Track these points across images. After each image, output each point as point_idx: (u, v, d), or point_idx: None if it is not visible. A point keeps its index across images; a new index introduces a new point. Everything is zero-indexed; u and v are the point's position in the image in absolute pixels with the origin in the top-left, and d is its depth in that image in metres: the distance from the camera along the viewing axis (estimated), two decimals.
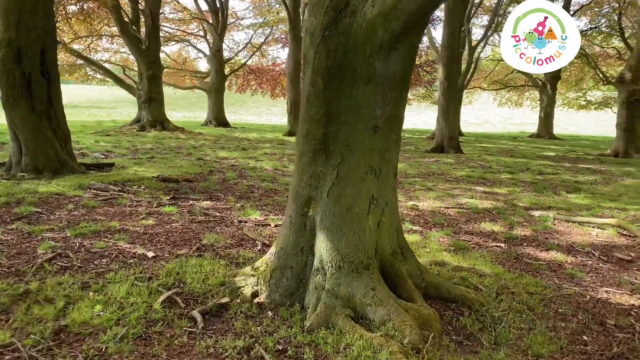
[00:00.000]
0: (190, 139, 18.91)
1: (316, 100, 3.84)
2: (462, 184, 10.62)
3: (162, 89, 21.88)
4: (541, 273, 4.81)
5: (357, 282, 3.65)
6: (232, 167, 11.62)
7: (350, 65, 3.71)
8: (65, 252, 4.85)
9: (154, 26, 20.70)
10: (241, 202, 7.62)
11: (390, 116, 3.85)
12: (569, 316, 3.80)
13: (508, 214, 7.50)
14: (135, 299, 3.76)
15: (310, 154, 3.89)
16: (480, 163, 14.84)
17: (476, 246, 5.69)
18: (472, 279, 4.44)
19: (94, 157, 12.19)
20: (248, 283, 4.11)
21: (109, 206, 6.99)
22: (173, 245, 5.30)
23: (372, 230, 3.89)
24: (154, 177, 9.18)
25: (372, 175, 3.87)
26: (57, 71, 9.67)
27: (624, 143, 19.55)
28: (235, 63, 33.19)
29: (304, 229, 3.94)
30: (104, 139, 16.87)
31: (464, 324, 3.59)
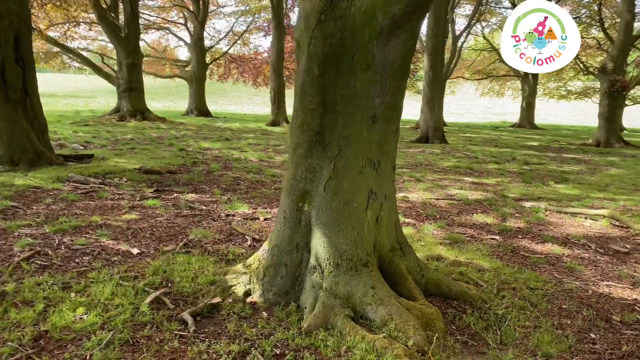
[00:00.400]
0: (171, 129, 18.52)
1: (311, 88, 3.63)
2: (450, 174, 10.52)
3: (142, 78, 21.36)
4: (540, 267, 4.70)
5: (356, 280, 3.48)
6: (216, 158, 11.35)
7: (348, 52, 3.51)
8: (44, 249, 4.58)
9: (133, 13, 20.14)
10: (227, 195, 7.39)
11: (389, 106, 3.67)
12: (574, 313, 3.69)
13: (499, 205, 7.40)
14: (121, 300, 3.54)
15: (306, 145, 3.69)
16: (466, 153, 14.78)
17: (471, 239, 5.56)
18: (471, 274, 4.31)
19: (73, 148, 11.80)
20: (240, 281, 3.91)
21: (90, 200, 6.71)
22: (158, 240, 5.06)
23: (371, 225, 3.72)
24: (135, 169, 8.88)
25: (371, 168, 3.69)
26: (32, 59, 9.27)
27: (606, 133, 19.70)
28: (217, 52, 32.63)
29: (299, 225, 3.75)
30: (82, 129, 16.39)
31: (468, 323, 3.45)
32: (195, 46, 28.16)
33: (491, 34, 35.93)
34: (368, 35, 3.51)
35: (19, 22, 8.75)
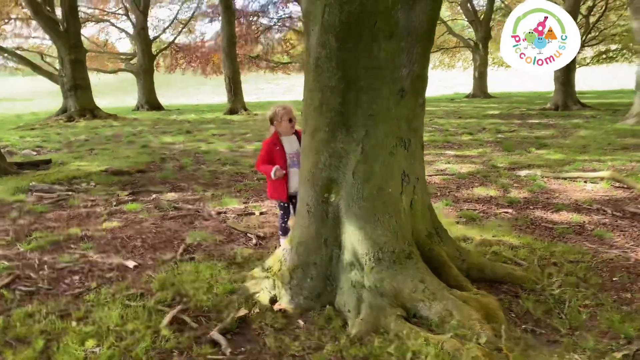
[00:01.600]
0: (126, 125, 17.54)
1: (329, 63, 3.20)
2: (430, 149, 10.27)
3: (87, 75, 20.12)
4: (569, 238, 4.47)
5: (402, 274, 3.11)
6: (183, 152, 10.70)
7: (369, 18, 3.09)
8: (25, 272, 3.99)
9: (71, 6, 18.84)
10: (210, 191, 6.86)
11: (417, 77, 3.29)
12: (628, 285, 3.45)
13: (494, 177, 7.20)
14: (134, 324, 3.04)
15: (327, 128, 3.27)
16: (434, 127, 14.62)
17: (484, 214, 5.30)
18: (506, 252, 4.03)
19: (24, 154, 10.86)
20: (263, 287, 3.48)
21: (60, 209, 6.05)
22: (153, 249, 4.54)
23: (407, 212, 3.35)
24: (102, 171, 8.19)
25: (402, 148, 3.31)
26: None
27: (563, 96, 20.02)
28: (162, 42, 31.26)
29: (326, 218, 3.34)
30: (29, 134, 15.25)
31: (526, 308, 3.15)
32: (139, 37, 26.83)
33: None
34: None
35: None
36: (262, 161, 4.05)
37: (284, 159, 4.00)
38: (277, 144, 4.02)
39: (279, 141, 4.04)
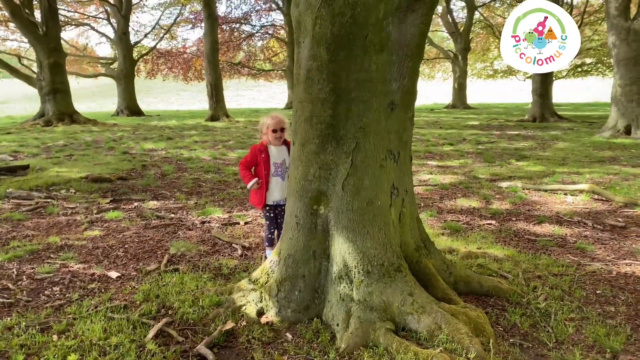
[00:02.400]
0: (105, 131, 17.30)
1: (320, 75, 3.19)
2: (413, 159, 10.34)
3: (66, 79, 19.83)
4: (551, 250, 4.52)
5: (391, 288, 3.11)
6: (165, 159, 10.59)
7: (361, 31, 3.10)
8: (3, 282, 3.88)
9: (50, 8, 18.57)
10: (193, 199, 6.79)
11: (407, 90, 3.31)
12: (611, 298, 3.50)
13: (476, 188, 7.27)
14: (118, 338, 2.97)
15: (317, 140, 3.26)
16: (416, 137, 14.74)
17: (468, 226, 5.33)
18: (490, 265, 4.05)
19: (1, 159, 10.63)
20: (250, 300, 3.43)
21: (39, 217, 5.91)
22: (136, 259, 4.45)
23: (396, 224, 3.35)
24: (82, 178, 8.05)
25: (392, 161, 3.32)
26: None
27: (540, 108, 20.41)
28: (143, 47, 30.99)
29: (315, 230, 3.32)
30: (5, 138, 14.94)
31: (513, 322, 3.17)
32: (121, 41, 26.56)
33: None
34: (383, 11, 3.12)
35: None
36: (245, 164, 4.08)
37: (267, 167, 4.00)
38: (263, 152, 4.02)
39: (265, 149, 4.03)
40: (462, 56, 32.76)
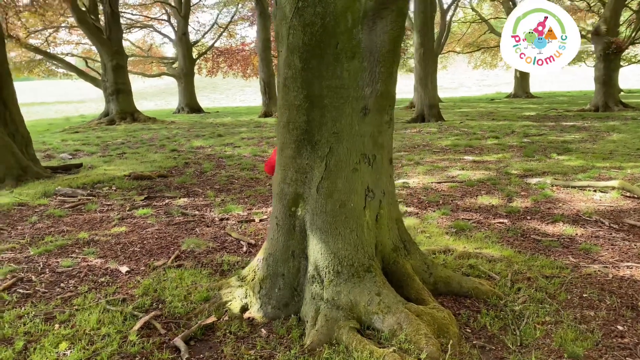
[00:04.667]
0: (162, 129, 18.16)
1: (294, 83, 3.33)
2: (449, 154, 10.23)
3: (128, 79, 20.94)
4: (553, 251, 4.43)
5: (359, 287, 3.22)
6: (208, 157, 11.04)
7: (331, 40, 3.20)
8: (28, 275, 4.32)
9: (113, 13, 19.66)
10: (221, 196, 7.11)
11: (380, 95, 3.38)
12: (596, 302, 3.42)
13: (503, 184, 7.12)
14: (108, 329, 3.27)
15: (294, 145, 3.41)
16: (463, 130, 14.47)
17: (478, 225, 5.29)
18: (482, 265, 4.04)
19: (61, 158, 11.49)
20: (235, 296, 3.65)
21: (78, 214, 6.43)
22: (149, 255, 4.79)
23: (371, 226, 3.44)
24: (125, 176, 8.59)
25: (366, 164, 3.40)
26: (8, 70, 8.94)
27: (604, 97, 19.34)
28: (203, 46, 32.06)
29: (294, 231, 3.48)
30: (71, 137, 16.05)
31: (483, 324, 3.19)
32: (181, 42, 27.64)
33: (479, 4, 35.33)
34: (351, 20, 3.21)
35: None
36: (269, 166, 4.33)
37: None
38: None
39: None
40: None
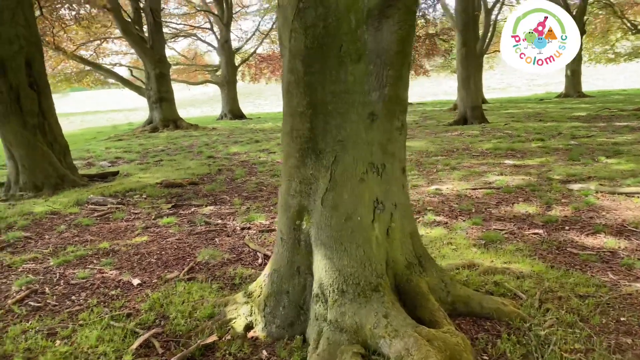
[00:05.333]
0: (203, 135, 18.37)
1: (297, 89, 3.15)
2: (489, 158, 9.78)
3: (171, 87, 21.35)
4: (591, 266, 4.04)
5: (365, 308, 2.98)
6: (242, 163, 11.01)
7: (334, 42, 3.00)
8: (42, 287, 4.30)
9: (155, 23, 20.10)
10: (247, 204, 6.99)
11: (389, 99, 3.13)
12: (635, 327, 3.05)
13: (543, 191, 6.68)
14: (106, 347, 3.16)
15: (297, 154, 3.21)
16: (507, 132, 13.88)
17: (510, 236, 4.93)
18: (509, 282, 3.71)
19: (100, 166, 11.74)
20: (240, 313, 3.48)
21: (105, 222, 6.45)
22: (164, 266, 4.70)
23: (380, 240, 3.20)
24: (157, 184, 8.63)
25: (374, 174, 3.17)
26: (46, 82, 9.15)
27: None
28: (246, 53, 32.40)
29: (299, 246, 3.28)
30: (115, 145, 16.46)
31: (502, 350, 2.89)
32: (223, 49, 28.01)
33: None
34: (355, 20, 2.99)
35: (29, 45, 8.62)
36: None
37: None
38: None
39: None
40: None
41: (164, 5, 25.87)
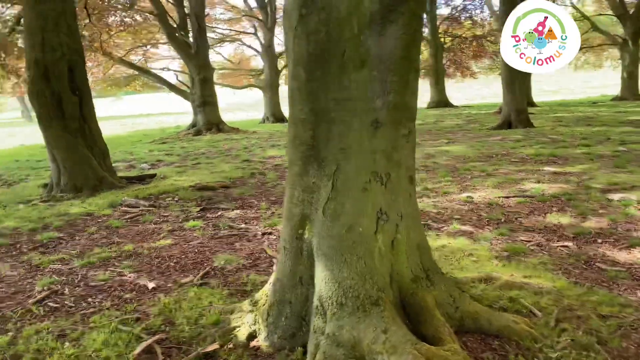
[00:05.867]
0: (243, 139, 18.60)
1: (300, 95, 3.10)
2: (529, 164, 9.41)
3: (214, 92, 21.75)
4: (619, 284, 3.78)
5: (364, 323, 2.88)
6: (275, 167, 11.05)
7: (337, 48, 2.93)
8: (63, 288, 4.42)
9: (200, 29, 20.54)
10: (273, 209, 6.98)
11: (394, 107, 3.03)
12: None
13: (580, 200, 6.35)
14: (110, 351, 3.20)
15: (300, 162, 3.16)
16: (552, 137, 13.34)
17: (536, 248, 4.69)
18: (526, 299, 3.52)
19: (141, 168, 12.06)
20: (245, 322, 3.45)
21: (134, 224, 6.60)
22: (182, 270, 4.74)
23: (384, 252, 3.09)
24: (190, 187, 8.77)
25: (378, 183, 3.07)
26: (88, 88, 9.49)
27: None
28: None
29: (301, 256, 3.22)
30: (158, 147, 16.89)
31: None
32: (267, 53, 28.33)
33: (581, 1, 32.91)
34: (357, 25, 2.91)
35: (71, 53, 8.94)
36: None
37: None
38: None
39: None
40: (632, 41, 28.73)
41: (210, 10, 26.44)
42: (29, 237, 6.19)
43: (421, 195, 7.24)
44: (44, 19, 8.61)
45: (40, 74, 8.66)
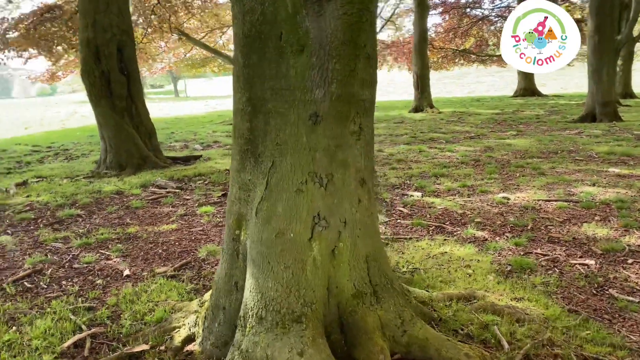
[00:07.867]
0: None
1: (238, 83, 2.80)
2: (594, 164, 8.41)
3: None
4: (625, 317, 3.14)
5: (280, 342, 2.56)
6: None
7: (273, 30, 2.59)
8: (46, 268, 4.45)
9: None
10: None
11: (337, 98, 2.64)
12: None
13: (633, 209, 5.50)
14: (44, 341, 3.12)
15: (238, 157, 2.87)
16: (637, 133, 11.93)
17: (549, 264, 4.07)
18: (501, 326, 3.00)
19: (194, 148, 12.26)
20: (187, 322, 3.24)
21: (153, 206, 6.62)
22: (166, 259, 4.63)
23: (320, 263, 2.73)
24: (226, 170, 8.72)
25: (316, 185, 2.70)
26: (136, 68, 9.68)
27: None
28: None
29: (237, 258, 2.94)
30: (222, 128, 17.15)
31: None
32: None
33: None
34: (292, 4, 2.54)
35: (121, 33, 9.15)
36: None
37: None
38: None
39: None
40: None
41: None
42: (52, 212, 6.39)
43: (454, 193, 6.67)
44: (96, 0, 8.84)
45: (91, 53, 8.93)
